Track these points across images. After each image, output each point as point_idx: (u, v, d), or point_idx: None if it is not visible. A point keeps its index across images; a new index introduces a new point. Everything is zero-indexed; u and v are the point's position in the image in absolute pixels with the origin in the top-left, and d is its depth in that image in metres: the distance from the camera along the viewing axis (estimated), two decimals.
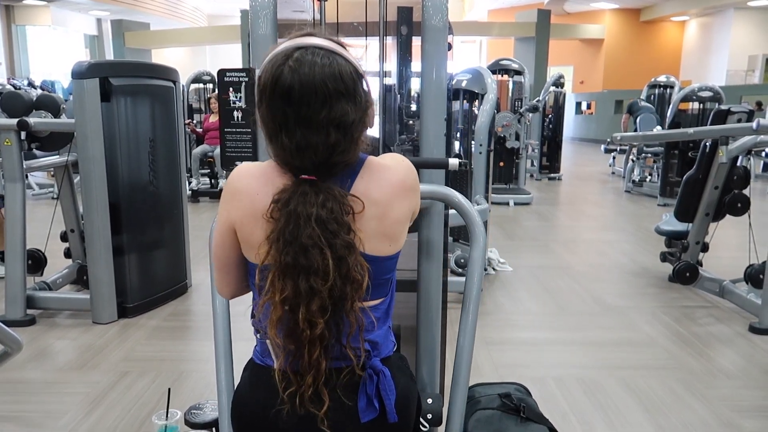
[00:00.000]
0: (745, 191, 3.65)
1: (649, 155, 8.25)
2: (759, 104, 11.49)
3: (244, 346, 1.26)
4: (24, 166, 3.36)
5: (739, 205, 3.64)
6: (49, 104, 3.45)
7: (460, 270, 3.95)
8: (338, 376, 1.06)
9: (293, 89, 0.95)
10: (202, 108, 9.13)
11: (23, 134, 3.30)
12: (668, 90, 9.58)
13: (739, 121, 3.82)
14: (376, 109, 1.13)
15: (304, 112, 0.95)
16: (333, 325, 0.99)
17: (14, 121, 3.22)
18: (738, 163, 3.69)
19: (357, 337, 1.05)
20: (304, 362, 0.99)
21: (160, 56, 18.40)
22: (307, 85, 0.95)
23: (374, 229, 1.04)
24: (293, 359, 1.01)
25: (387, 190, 1.05)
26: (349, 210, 0.99)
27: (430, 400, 1.47)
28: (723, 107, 3.99)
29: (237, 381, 1.21)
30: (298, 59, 0.97)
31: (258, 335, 1.14)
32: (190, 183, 7.26)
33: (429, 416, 1.44)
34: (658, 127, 7.33)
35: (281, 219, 0.98)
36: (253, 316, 1.14)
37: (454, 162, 1.65)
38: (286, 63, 0.97)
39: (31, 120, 3.23)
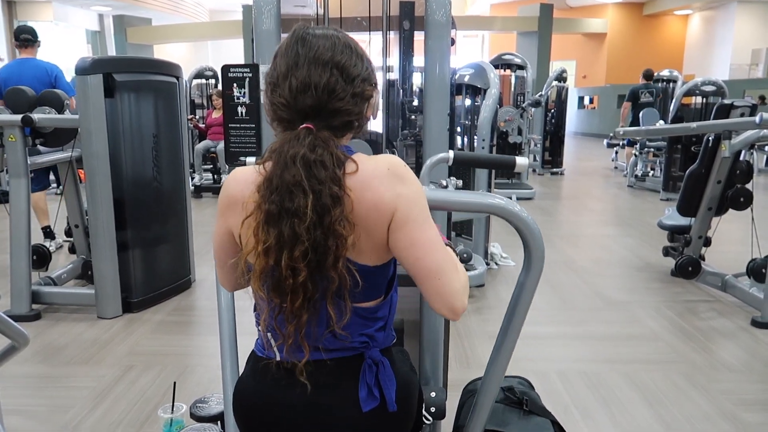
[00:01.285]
0: (748, 186, 3.64)
1: (652, 150, 8.23)
2: (762, 98, 11.44)
3: (249, 340, 1.27)
4: (28, 162, 3.38)
5: (741, 199, 3.63)
6: (52, 100, 3.46)
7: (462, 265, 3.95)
8: (339, 366, 1.08)
9: (308, 36, 1.05)
10: (205, 103, 9.14)
11: (27, 130, 3.31)
12: (671, 84, 9.55)
13: (742, 115, 3.81)
14: (379, 103, 1.14)
15: (315, 51, 1.02)
16: (318, 280, 0.98)
17: (18, 117, 3.23)
18: (741, 158, 3.68)
19: (353, 329, 1.06)
20: (286, 312, 0.99)
21: (162, 52, 18.38)
22: (321, 35, 1.05)
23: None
24: (278, 313, 1.01)
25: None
26: (341, 163, 0.99)
27: (433, 394, 1.48)
28: (726, 101, 3.98)
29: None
30: (314, 27, 1.08)
31: (259, 327, 1.15)
32: (193, 179, 7.27)
33: (432, 409, 1.45)
34: (661, 122, 7.31)
35: (272, 166, 0.99)
36: (255, 309, 1.16)
37: (523, 162, 1.45)
38: (303, 27, 1.07)
39: (36, 116, 3.25)
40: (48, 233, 4.60)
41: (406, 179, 1.03)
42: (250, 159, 1.59)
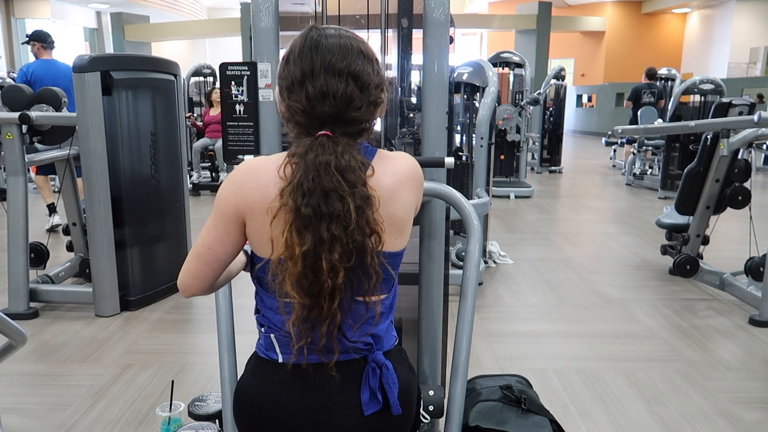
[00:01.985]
0: (746, 184, 3.65)
1: (650, 148, 8.23)
2: (760, 97, 11.46)
3: (247, 339, 1.27)
4: (26, 160, 3.37)
5: (739, 197, 3.64)
6: (50, 98, 3.45)
7: (461, 263, 3.96)
8: (342, 369, 1.08)
9: (321, 42, 1.04)
10: (203, 101, 9.12)
11: (25, 128, 3.31)
12: (669, 83, 9.55)
13: (740, 113, 3.81)
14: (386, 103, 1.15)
15: (329, 59, 1.03)
16: (353, 277, 1.01)
17: (16, 114, 3.21)
18: (739, 156, 3.69)
19: (362, 328, 1.07)
20: (323, 313, 1.00)
21: (159, 49, 18.35)
22: (334, 41, 1.05)
23: (384, 218, 1.04)
24: (308, 316, 1.01)
25: (396, 177, 1.08)
26: (366, 167, 1.03)
27: (431, 392, 1.48)
28: (724, 100, 3.98)
29: (240, 373, 1.21)
30: (325, 29, 1.07)
31: (263, 329, 1.14)
32: (191, 176, 7.26)
33: (431, 408, 1.45)
34: (660, 120, 7.31)
35: (298, 171, 0.99)
36: (257, 311, 1.15)
37: (450, 161, 1.64)
38: (315, 30, 1.07)
39: (33, 114, 3.24)
40: (52, 209, 5.02)
41: (421, 183, 1.15)
42: (248, 157, 1.59)
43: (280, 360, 1.10)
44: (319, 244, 0.97)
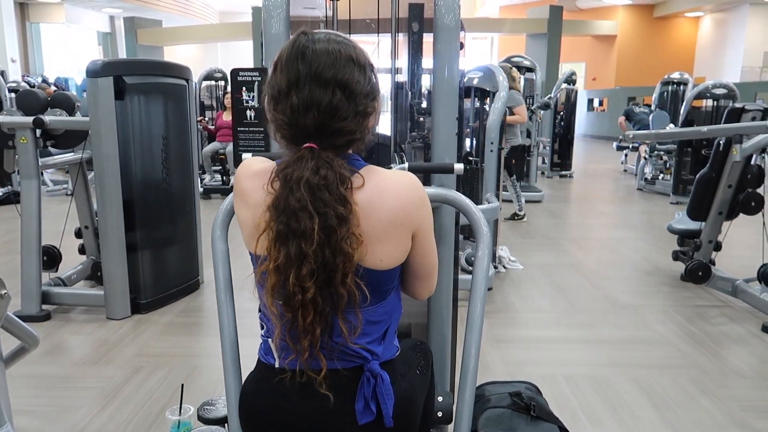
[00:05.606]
0: (759, 190, 3.61)
1: (662, 153, 8.19)
2: None
3: (257, 342, 1.26)
4: (39, 163, 3.40)
5: (752, 203, 3.60)
6: (63, 102, 3.49)
7: (470, 268, 3.95)
8: (337, 376, 1.07)
9: (308, 49, 1.01)
10: (214, 105, 9.18)
11: (38, 132, 3.34)
12: (681, 87, 9.49)
13: (753, 119, 3.78)
14: (388, 106, 1.15)
15: (315, 68, 1.00)
16: (327, 295, 1.00)
17: (30, 119, 3.25)
18: (752, 162, 3.66)
19: (351, 340, 1.06)
20: (299, 327, 1.00)
21: (171, 53, 18.51)
22: (322, 48, 1.01)
23: (365, 236, 1.03)
24: (291, 327, 1.02)
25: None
26: (346, 181, 1.00)
27: (440, 398, 1.47)
28: (737, 105, 3.95)
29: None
30: (315, 34, 1.04)
31: (262, 332, 1.15)
32: (202, 180, 7.29)
33: (439, 414, 1.45)
34: (671, 125, 7.27)
35: (280, 187, 1.01)
36: (260, 310, 1.16)
37: (459, 167, 1.64)
38: (304, 35, 1.04)
39: (47, 118, 3.27)
40: None
41: (424, 192, 1.10)
42: (246, 154, 1.61)
43: (277, 365, 1.11)
44: (288, 259, 0.98)
